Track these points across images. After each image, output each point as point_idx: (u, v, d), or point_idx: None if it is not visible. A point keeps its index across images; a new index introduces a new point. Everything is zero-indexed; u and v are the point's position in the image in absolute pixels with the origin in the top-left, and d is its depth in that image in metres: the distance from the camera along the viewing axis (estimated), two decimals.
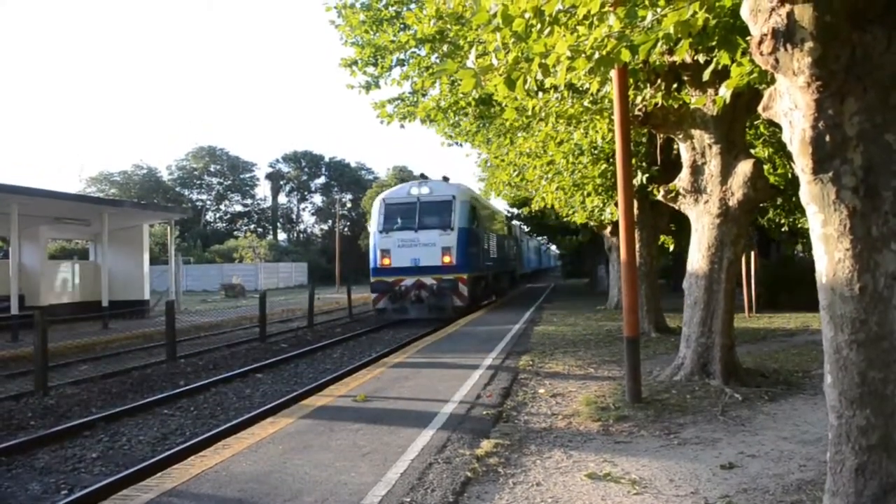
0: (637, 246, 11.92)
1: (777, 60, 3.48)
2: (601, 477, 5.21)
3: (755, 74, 6.22)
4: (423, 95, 13.02)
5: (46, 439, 8.36)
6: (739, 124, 8.82)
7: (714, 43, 5.83)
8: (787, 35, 3.38)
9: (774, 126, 12.09)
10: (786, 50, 3.41)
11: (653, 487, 4.94)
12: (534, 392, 8.64)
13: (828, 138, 3.42)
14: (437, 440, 6.39)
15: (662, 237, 16.10)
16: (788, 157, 14.54)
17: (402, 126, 12.68)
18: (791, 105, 3.60)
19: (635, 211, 9.57)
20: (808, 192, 3.56)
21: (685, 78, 8.83)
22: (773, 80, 5.97)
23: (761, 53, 3.50)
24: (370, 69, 12.22)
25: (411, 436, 6.53)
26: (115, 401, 10.82)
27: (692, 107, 8.80)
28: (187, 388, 11.50)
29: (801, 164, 3.54)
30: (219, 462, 5.82)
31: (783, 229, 22.07)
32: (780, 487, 4.83)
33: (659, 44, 5.12)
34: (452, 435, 6.59)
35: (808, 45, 3.33)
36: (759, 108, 4.16)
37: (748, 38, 4.43)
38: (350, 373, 11.86)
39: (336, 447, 6.23)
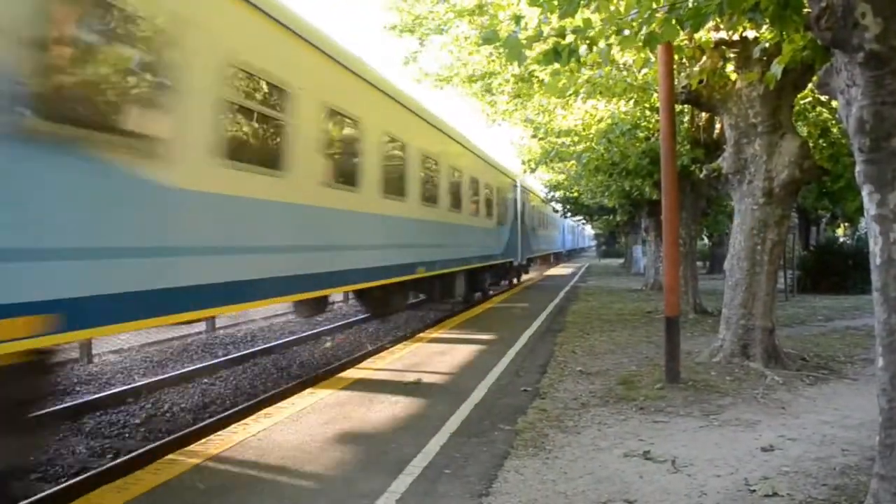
0: None
1: (836, 36, 3.40)
2: (638, 455, 5.20)
3: (808, 51, 6.08)
4: (464, 66, 13.13)
5: (92, 405, 8.58)
6: (786, 103, 8.62)
7: (767, 19, 5.68)
8: (846, 10, 3.30)
9: (822, 106, 11.86)
10: (845, 25, 3.33)
11: (691, 467, 4.92)
12: (570, 370, 8.64)
13: (886, 116, 3.34)
14: (476, 414, 6.45)
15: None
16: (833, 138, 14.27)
17: (441, 89, 13.25)
18: (848, 82, 3.52)
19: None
20: (864, 171, 3.49)
21: (731, 55, 8.67)
22: (825, 58, 5.84)
23: (819, 29, 3.42)
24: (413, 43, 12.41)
25: (449, 410, 6.59)
26: (156, 370, 11.06)
27: (738, 85, 8.64)
28: (229, 357, 11.69)
29: (858, 143, 3.47)
30: (261, 430, 5.93)
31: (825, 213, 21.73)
32: (822, 471, 4.78)
33: (710, 19, 5.01)
34: (490, 409, 6.63)
35: (869, 20, 3.25)
36: (814, 85, 4.09)
37: (804, 11, 4.33)
38: (385, 347, 11.97)
39: (375, 419, 6.32)
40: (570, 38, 5.61)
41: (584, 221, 46.95)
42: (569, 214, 38.06)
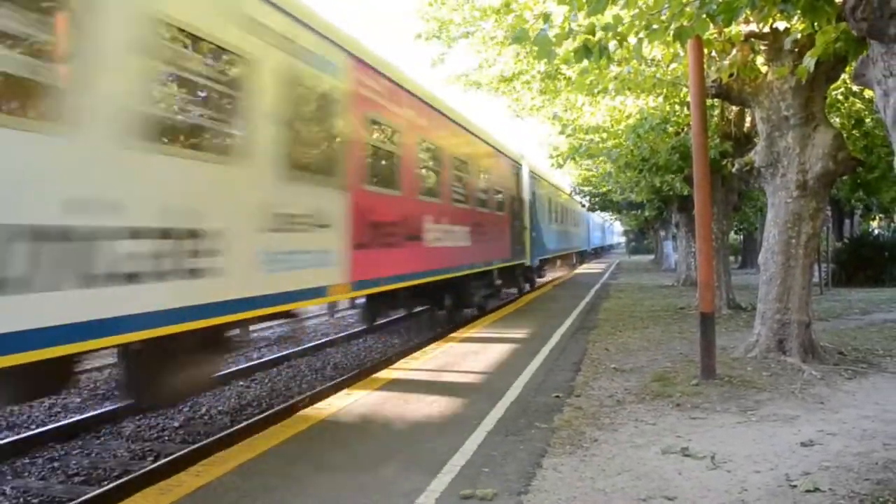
0: None
1: (872, 26, 3.38)
2: (677, 452, 5.18)
3: (840, 43, 6.01)
4: (490, 67, 13.16)
5: (131, 409, 8.70)
6: (818, 95, 8.53)
7: (798, 10, 5.64)
8: (883, 0, 3.28)
9: (855, 96, 11.69)
10: (881, 15, 3.30)
11: (730, 463, 4.89)
12: (604, 367, 8.62)
13: None
14: (511, 413, 6.46)
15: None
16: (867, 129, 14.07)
17: (475, 90, 13.41)
18: (885, 72, 3.49)
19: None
20: None
21: (761, 48, 8.59)
22: (859, 49, 5.77)
23: (855, 19, 3.40)
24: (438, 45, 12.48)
25: (485, 409, 6.61)
26: None
27: (769, 77, 8.56)
28: (263, 360, 11.81)
29: None
30: (298, 433, 6.01)
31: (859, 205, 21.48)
32: (864, 466, 4.74)
33: (742, 13, 4.99)
34: (526, 408, 6.65)
35: None
36: (850, 76, 4.05)
37: (838, 2, 4.30)
38: (419, 347, 12.00)
39: (412, 419, 6.36)
40: (599, 34, 5.62)
41: (613, 218, 46.80)
42: (597, 209, 37.93)
